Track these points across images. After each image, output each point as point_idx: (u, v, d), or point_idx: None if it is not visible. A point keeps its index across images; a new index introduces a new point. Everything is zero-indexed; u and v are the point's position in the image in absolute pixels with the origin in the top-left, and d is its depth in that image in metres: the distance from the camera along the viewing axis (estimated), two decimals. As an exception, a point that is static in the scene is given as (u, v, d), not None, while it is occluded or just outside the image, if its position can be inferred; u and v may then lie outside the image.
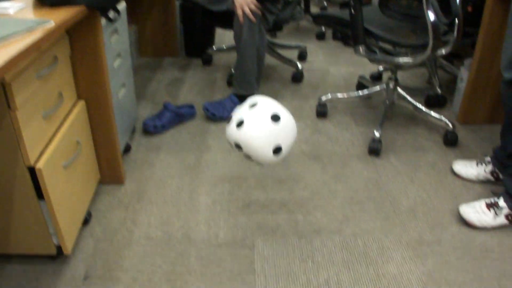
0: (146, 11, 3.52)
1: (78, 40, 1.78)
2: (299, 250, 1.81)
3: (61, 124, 1.68)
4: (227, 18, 2.74)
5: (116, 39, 2.10)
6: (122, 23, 2.19)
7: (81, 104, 1.86)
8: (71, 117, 1.74)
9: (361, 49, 2.45)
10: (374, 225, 1.95)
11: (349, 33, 2.44)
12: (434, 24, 2.13)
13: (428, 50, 2.22)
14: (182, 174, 2.24)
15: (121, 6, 2.17)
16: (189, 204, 2.05)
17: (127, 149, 2.39)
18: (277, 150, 1.64)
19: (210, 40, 3.72)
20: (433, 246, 1.84)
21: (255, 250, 1.81)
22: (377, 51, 2.43)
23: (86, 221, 1.93)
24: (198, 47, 3.66)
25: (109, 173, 2.13)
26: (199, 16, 3.51)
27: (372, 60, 2.49)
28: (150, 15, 3.53)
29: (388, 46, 2.46)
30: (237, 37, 2.61)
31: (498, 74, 2.55)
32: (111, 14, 2.00)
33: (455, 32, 2.22)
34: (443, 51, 2.31)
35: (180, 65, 3.56)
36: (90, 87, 1.88)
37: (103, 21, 1.90)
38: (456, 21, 2.22)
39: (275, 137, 1.62)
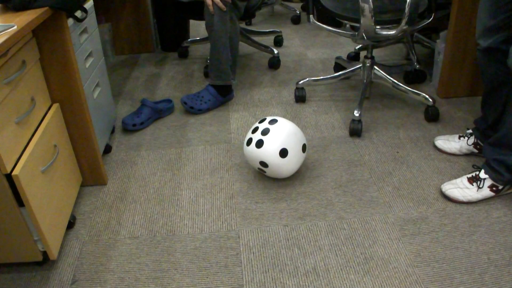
0: (118, 9, 3.48)
1: (46, 42, 1.75)
2: (284, 238, 1.81)
3: (36, 128, 1.66)
4: (199, 9, 2.71)
5: (86, 39, 2.07)
6: (91, 22, 2.16)
7: (55, 107, 1.83)
8: (46, 121, 1.72)
9: (311, 18, 2.52)
10: (359, 207, 1.94)
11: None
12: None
13: (361, 29, 2.27)
14: (164, 170, 2.23)
15: (88, 4, 2.13)
16: (172, 200, 2.04)
17: (108, 149, 2.36)
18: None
19: (184, 33, 3.68)
20: (420, 224, 1.84)
21: (240, 241, 1.80)
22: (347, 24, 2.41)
23: (70, 225, 1.91)
24: (173, 41, 3.63)
25: (91, 174, 2.11)
26: (172, 10, 3.47)
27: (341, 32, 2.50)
28: (123, 13, 3.49)
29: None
30: (208, 27, 2.58)
31: (475, 43, 2.54)
32: (78, 13, 1.97)
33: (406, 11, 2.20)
34: (390, 32, 2.30)
35: (156, 60, 3.53)
36: (63, 89, 1.86)
37: (70, 21, 1.87)
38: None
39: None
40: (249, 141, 2.04)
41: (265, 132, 2.00)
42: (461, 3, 2.43)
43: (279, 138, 1.98)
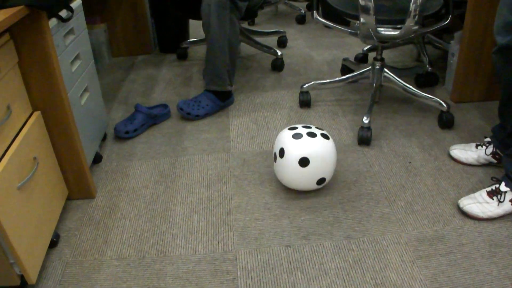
0: (114, 8, 3.31)
1: (25, 45, 1.60)
2: (286, 260, 1.64)
3: (13, 140, 1.50)
4: (198, 8, 2.53)
5: (72, 40, 1.91)
6: (78, 22, 2.00)
7: (36, 115, 1.68)
8: (25, 131, 1.56)
9: (315, 14, 2.39)
10: (369, 225, 1.78)
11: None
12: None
13: (360, 28, 2.16)
14: (156, 182, 2.06)
15: (76, 3, 1.98)
16: (165, 216, 1.87)
17: (98, 158, 2.20)
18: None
19: (184, 33, 3.52)
20: (436, 244, 1.67)
21: (237, 264, 1.63)
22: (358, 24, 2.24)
23: (53, 244, 1.75)
24: (172, 41, 3.47)
25: (78, 187, 1.95)
26: (170, 9, 3.31)
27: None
28: (119, 12, 3.33)
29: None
30: (205, 28, 2.42)
31: (492, 44, 2.37)
32: (64, 13, 1.81)
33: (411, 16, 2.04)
34: (393, 33, 2.15)
35: (154, 62, 3.36)
36: (44, 96, 1.70)
37: (54, 21, 1.71)
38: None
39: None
40: (292, 128, 1.91)
41: (312, 135, 1.86)
42: (477, 1, 2.26)
43: (314, 149, 1.82)
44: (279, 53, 3.10)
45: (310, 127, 1.91)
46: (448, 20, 2.18)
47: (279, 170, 1.90)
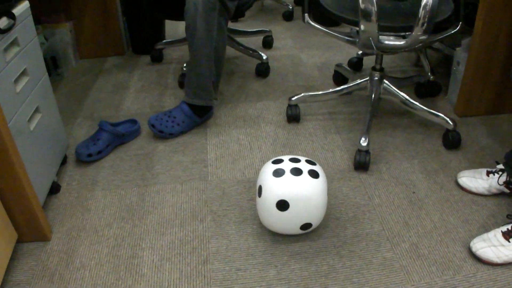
0: (81, 4, 2.98)
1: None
2: (273, 329, 1.36)
3: None
4: (179, 8, 2.20)
5: (16, 54, 1.61)
6: (25, 29, 1.69)
7: (-30, 151, 1.38)
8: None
9: (307, 17, 2.13)
10: (369, 275, 1.51)
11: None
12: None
13: (361, 37, 1.88)
14: (122, 220, 1.77)
15: (21, 8, 1.66)
16: (131, 264, 1.58)
17: (56, 188, 1.91)
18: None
19: (159, 33, 3.21)
20: (448, 299, 1.41)
21: (214, 336, 1.36)
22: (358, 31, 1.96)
23: (-1, 303, 1.46)
24: (146, 42, 3.15)
25: (29, 228, 1.66)
26: (145, 9, 2.99)
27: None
28: (87, 9, 3.00)
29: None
30: (190, 33, 2.09)
31: (504, 50, 2.10)
32: (3, 21, 1.52)
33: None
34: (399, 42, 1.87)
35: (126, 65, 3.04)
36: (-20, 126, 1.41)
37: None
38: None
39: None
40: (277, 162, 1.60)
41: (296, 172, 1.54)
42: (491, 5, 1.98)
43: (296, 191, 1.51)
44: (264, 57, 2.80)
45: (298, 161, 1.60)
46: (458, 27, 1.91)
47: (258, 209, 1.62)
